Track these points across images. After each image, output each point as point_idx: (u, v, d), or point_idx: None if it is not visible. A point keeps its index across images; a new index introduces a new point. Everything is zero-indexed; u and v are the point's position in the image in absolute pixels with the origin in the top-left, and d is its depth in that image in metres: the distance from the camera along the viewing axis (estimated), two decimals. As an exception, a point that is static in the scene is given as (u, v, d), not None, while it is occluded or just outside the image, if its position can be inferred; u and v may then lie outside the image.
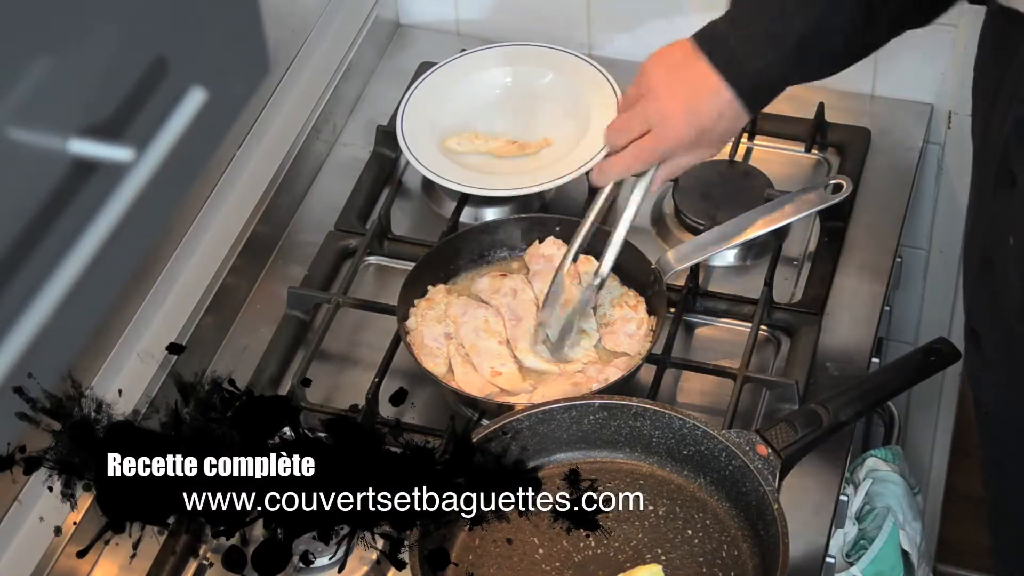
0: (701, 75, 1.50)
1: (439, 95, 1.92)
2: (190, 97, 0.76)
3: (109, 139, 0.73)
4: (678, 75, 1.51)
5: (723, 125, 1.51)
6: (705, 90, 1.49)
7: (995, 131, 1.33)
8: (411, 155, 1.83)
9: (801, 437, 1.48)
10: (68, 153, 0.71)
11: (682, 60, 1.51)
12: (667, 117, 1.51)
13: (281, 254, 1.85)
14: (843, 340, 1.72)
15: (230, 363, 1.72)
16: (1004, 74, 1.31)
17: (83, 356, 1.53)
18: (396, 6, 2.12)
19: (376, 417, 1.63)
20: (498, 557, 1.46)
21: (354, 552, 1.52)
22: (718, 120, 1.50)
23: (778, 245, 1.79)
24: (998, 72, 1.32)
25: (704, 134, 1.51)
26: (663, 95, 1.52)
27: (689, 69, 1.50)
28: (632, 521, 1.48)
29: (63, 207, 0.71)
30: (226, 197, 1.76)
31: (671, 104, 1.51)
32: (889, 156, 1.92)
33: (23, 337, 0.68)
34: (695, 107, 1.49)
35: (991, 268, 1.38)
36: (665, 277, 1.66)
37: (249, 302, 1.79)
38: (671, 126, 1.51)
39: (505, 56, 1.96)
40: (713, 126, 1.50)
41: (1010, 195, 1.32)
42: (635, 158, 1.55)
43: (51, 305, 0.69)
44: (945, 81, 1.94)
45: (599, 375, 1.60)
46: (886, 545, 1.88)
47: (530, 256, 1.72)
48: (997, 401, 1.48)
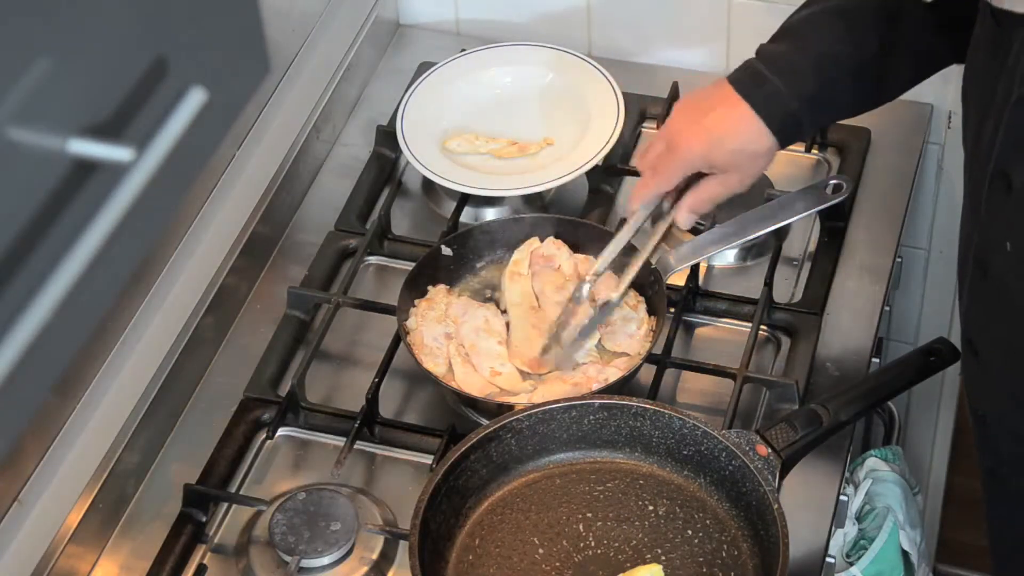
0: (719, 93, 1.50)
1: (439, 95, 1.92)
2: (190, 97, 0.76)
3: (109, 139, 0.73)
4: (698, 95, 1.53)
5: (740, 140, 1.49)
6: (720, 103, 1.50)
7: (988, 136, 1.33)
8: (411, 155, 1.83)
9: (801, 437, 1.48)
10: (68, 153, 0.71)
11: (708, 88, 1.53)
12: (681, 131, 1.51)
13: (281, 254, 1.85)
14: (843, 340, 1.72)
15: (230, 363, 1.72)
16: (997, 79, 1.31)
17: (83, 356, 1.53)
18: (396, 6, 2.12)
19: (376, 417, 1.63)
20: (498, 557, 1.46)
21: (354, 552, 1.53)
22: (733, 133, 1.49)
23: (778, 245, 1.79)
24: (991, 77, 1.32)
25: (719, 147, 1.50)
26: (679, 112, 1.53)
27: (709, 91, 1.52)
28: (632, 521, 1.48)
29: (63, 207, 0.71)
30: (226, 197, 1.76)
31: (684, 118, 1.52)
32: (889, 156, 1.92)
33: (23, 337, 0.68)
34: (708, 119, 1.50)
35: (987, 275, 1.37)
36: (665, 277, 1.66)
37: (249, 302, 1.79)
38: (684, 138, 1.51)
39: (505, 56, 1.96)
40: (725, 136, 1.49)
41: (1006, 200, 1.32)
42: (653, 174, 1.55)
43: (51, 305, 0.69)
44: (945, 81, 1.94)
45: (599, 375, 1.60)
46: (886, 545, 1.88)
47: (532, 257, 1.72)
48: (995, 409, 1.47)
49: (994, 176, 1.32)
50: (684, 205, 1.55)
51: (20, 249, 0.69)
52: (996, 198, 1.33)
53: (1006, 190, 1.31)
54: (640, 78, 1.97)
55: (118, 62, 0.74)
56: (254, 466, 1.63)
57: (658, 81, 1.97)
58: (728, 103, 1.49)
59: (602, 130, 1.84)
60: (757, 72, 1.49)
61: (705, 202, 1.55)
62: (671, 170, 1.53)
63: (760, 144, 1.50)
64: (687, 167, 1.53)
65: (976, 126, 1.36)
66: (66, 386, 1.51)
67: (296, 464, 1.63)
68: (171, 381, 1.65)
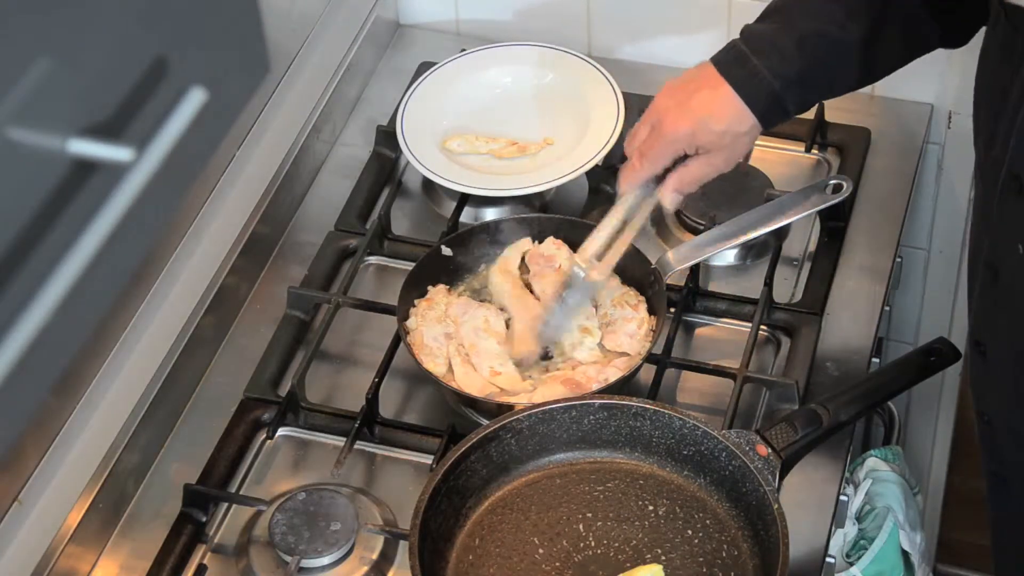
0: (703, 75, 1.51)
1: (439, 95, 1.92)
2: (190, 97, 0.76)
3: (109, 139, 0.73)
4: (683, 77, 1.54)
5: (724, 121, 1.50)
6: (704, 85, 1.51)
7: (1001, 140, 1.32)
8: (411, 155, 1.83)
9: (801, 437, 1.48)
10: (68, 153, 0.71)
11: (692, 69, 1.54)
12: (666, 113, 1.53)
13: (281, 254, 1.85)
14: (843, 340, 1.72)
15: (230, 363, 1.72)
16: (1011, 81, 1.30)
17: (83, 356, 1.53)
18: (396, 6, 2.12)
19: (376, 417, 1.63)
20: (498, 557, 1.46)
21: (354, 552, 1.53)
22: (718, 114, 1.50)
23: (778, 245, 1.79)
24: (1004, 80, 1.32)
25: (704, 128, 1.51)
26: (664, 95, 1.54)
27: (693, 72, 1.53)
28: (632, 521, 1.48)
29: (63, 207, 0.71)
30: (226, 197, 1.76)
31: (669, 101, 1.53)
32: (889, 156, 1.92)
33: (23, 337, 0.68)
34: (692, 101, 1.51)
35: (997, 278, 1.37)
36: (665, 277, 1.66)
37: (249, 302, 1.79)
38: (670, 121, 1.52)
39: (505, 56, 1.96)
40: (710, 117, 1.50)
41: (1018, 203, 1.31)
42: (641, 158, 1.56)
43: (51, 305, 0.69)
44: (945, 81, 1.94)
45: (599, 375, 1.60)
46: (886, 545, 1.88)
47: (530, 256, 1.72)
48: (1001, 412, 1.46)
49: (1007, 180, 1.32)
50: (669, 185, 1.56)
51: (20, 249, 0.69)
52: (1008, 201, 1.32)
53: (1017, 192, 1.31)
54: (640, 78, 1.97)
55: (118, 62, 0.74)
56: (254, 466, 1.63)
57: (658, 81, 1.95)
58: (711, 84, 1.50)
59: (602, 130, 1.84)
60: (740, 53, 1.50)
61: (690, 182, 1.56)
62: (658, 152, 1.54)
63: (743, 124, 1.51)
64: (673, 149, 1.54)
65: (988, 131, 1.36)
66: (66, 386, 1.51)
67: (296, 464, 1.63)
68: (171, 381, 1.65)
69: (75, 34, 0.70)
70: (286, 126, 1.87)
